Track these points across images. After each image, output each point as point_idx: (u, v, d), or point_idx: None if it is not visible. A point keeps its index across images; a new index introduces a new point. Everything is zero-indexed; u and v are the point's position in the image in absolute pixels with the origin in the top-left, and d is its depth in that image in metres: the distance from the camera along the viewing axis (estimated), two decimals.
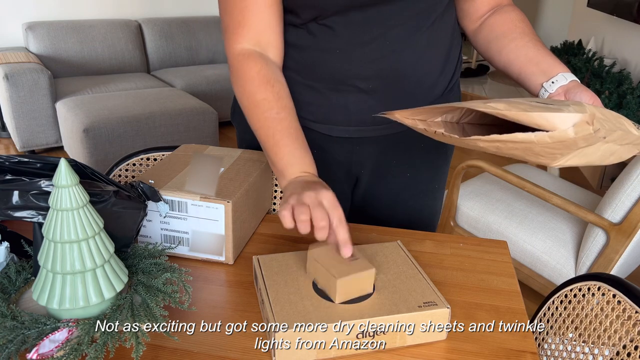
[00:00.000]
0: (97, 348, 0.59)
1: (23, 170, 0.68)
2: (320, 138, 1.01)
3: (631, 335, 0.71)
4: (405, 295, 0.69)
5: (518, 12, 0.96)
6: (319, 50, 0.92)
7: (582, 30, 4.31)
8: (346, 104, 0.95)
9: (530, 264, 1.92)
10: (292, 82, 0.95)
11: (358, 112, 0.96)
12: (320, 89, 0.95)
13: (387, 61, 0.91)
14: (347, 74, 0.92)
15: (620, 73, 3.02)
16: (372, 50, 0.90)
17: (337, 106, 0.96)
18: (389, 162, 1.05)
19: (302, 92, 0.97)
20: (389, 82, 0.93)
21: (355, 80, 0.93)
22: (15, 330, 0.60)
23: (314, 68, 0.94)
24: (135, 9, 4.11)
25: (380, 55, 0.90)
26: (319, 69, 0.93)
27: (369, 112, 0.96)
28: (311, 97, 0.97)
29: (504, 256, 0.89)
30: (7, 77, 3.05)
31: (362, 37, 0.89)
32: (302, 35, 0.92)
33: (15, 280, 0.70)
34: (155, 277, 0.70)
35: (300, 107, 0.96)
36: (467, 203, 2.09)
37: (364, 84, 0.93)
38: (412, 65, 0.92)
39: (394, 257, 0.78)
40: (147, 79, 3.73)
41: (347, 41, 0.90)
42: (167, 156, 0.96)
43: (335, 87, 0.94)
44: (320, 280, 0.70)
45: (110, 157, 2.93)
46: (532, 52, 0.89)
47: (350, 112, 0.96)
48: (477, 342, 0.69)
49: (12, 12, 3.66)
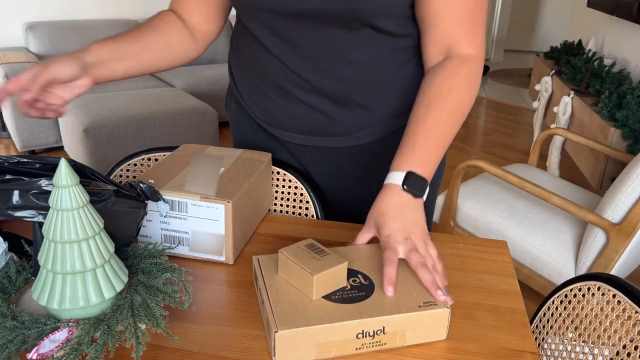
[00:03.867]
0: (97, 348, 0.59)
1: (22, 171, 0.68)
2: (270, 140, 1.06)
3: (631, 335, 0.71)
4: (405, 296, 0.69)
5: (455, 70, 0.83)
6: (268, 57, 0.94)
7: (582, 30, 4.31)
8: (295, 112, 0.98)
9: (530, 264, 1.92)
10: (246, 81, 1.02)
11: (305, 122, 0.98)
12: (270, 94, 0.99)
13: (325, 79, 0.92)
14: (290, 84, 0.95)
15: (620, 73, 3.02)
16: (310, 66, 0.91)
17: (286, 112, 0.99)
18: (349, 175, 1.04)
19: (254, 93, 1.02)
20: (330, 100, 0.94)
21: (298, 92, 0.95)
22: (16, 330, 0.60)
23: (263, 73, 0.97)
24: (135, 9, 4.11)
25: (317, 72, 0.91)
26: (267, 75, 0.96)
27: (317, 125, 0.98)
28: (262, 99, 1.01)
29: (504, 256, 0.89)
30: (7, 77, 3.05)
31: (301, 53, 0.90)
32: (251, 39, 0.95)
33: (15, 280, 0.70)
34: (155, 277, 0.70)
35: (255, 107, 1.04)
36: (467, 203, 2.09)
37: (305, 97, 0.95)
38: (350, 88, 0.92)
39: None
40: (147, 79, 3.73)
41: (289, 54, 0.91)
42: (167, 156, 0.96)
43: (283, 94, 0.97)
44: (294, 279, 0.70)
45: (110, 157, 2.93)
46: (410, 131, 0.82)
47: (297, 119, 0.99)
48: (477, 342, 0.69)
49: (12, 12, 3.67)
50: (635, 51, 3.31)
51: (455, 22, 0.83)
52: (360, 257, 0.77)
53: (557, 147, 2.93)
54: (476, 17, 0.84)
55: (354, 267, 0.74)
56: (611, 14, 3.36)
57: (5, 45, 3.70)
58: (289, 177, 1.08)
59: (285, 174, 1.08)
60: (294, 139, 1.02)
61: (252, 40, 0.95)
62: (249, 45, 0.97)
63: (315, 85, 0.93)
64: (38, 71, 0.79)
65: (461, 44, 0.84)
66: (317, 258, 0.70)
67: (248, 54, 0.99)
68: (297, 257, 0.70)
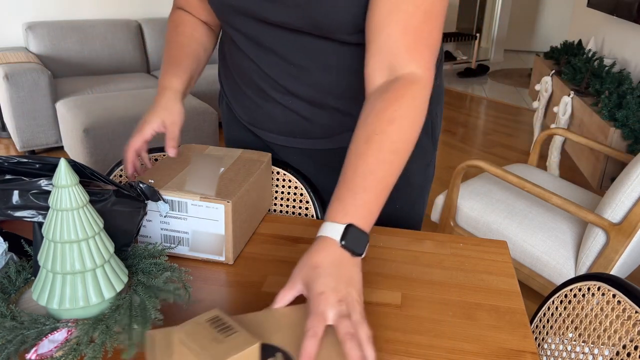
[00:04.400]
0: (95, 348, 0.59)
1: (22, 171, 0.68)
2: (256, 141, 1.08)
3: (631, 335, 0.71)
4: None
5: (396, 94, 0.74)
6: (246, 60, 0.97)
7: (582, 30, 4.31)
8: (274, 113, 0.99)
9: (530, 264, 1.92)
10: (231, 82, 1.06)
11: (285, 123, 1.00)
12: (251, 95, 1.01)
13: (299, 84, 0.93)
14: (267, 86, 0.96)
15: (620, 73, 3.02)
16: (284, 70, 0.93)
17: (266, 113, 1.01)
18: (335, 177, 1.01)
19: (238, 95, 1.05)
20: (306, 102, 0.95)
21: (275, 94, 0.96)
22: (15, 331, 0.60)
23: (243, 75, 1.00)
24: (135, 9, 4.11)
25: (291, 76, 0.92)
26: (246, 76, 0.99)
27: (296, 126, 0.99)
28: (245, 100, 1.03)
29: (504, 256, 0.89)
30: (7, 77, 3.05)
31: (274, 58, 0.92)
32: (231, 43, 0.98)
33: (15, 280, 0.70)
34: (155, 277, 0.70)
35: (239, 109, 1.06)
36: (467, 203, 2.09)
37: (283, 99, 0.96)
38: (325, 92, 0.93)
39: None
40: (147, 79, 3.73)
41: (263, 58, 0.93)
42: (167, 156, 0.96)
43: (262, 95, 0.99)
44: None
45: (110, 157, 2.93)
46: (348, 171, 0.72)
47: (277, 121, 1.00)
48: (477, 342, 0.69)
49: (12, 12, 3.66)
50: (635, 51, 3.31)
51: (397, 33, 0.75)
52: (282, 327, 0.62)
53: (557, 147, 2.93)
54: (422, 32, 0.76)
55: (273, 342, 0.59)
56: (611, 14, 3.36)
57: (5, 45, 3.70)
58: (289, 177, 1.08)
59: (285, 174, 1.08)
60: (276, 140, 1.04)
61: (232, 43, 0.98)
62: (229, 48, 1.00)
63: (289, 89, 0.94)
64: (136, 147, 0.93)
65: (403, 60, 0.75)
66: (220, 339, 0.54)
67: (230, 57, 1.02)
68: (194, 339, 0.54)
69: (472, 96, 5.13)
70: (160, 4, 4.19)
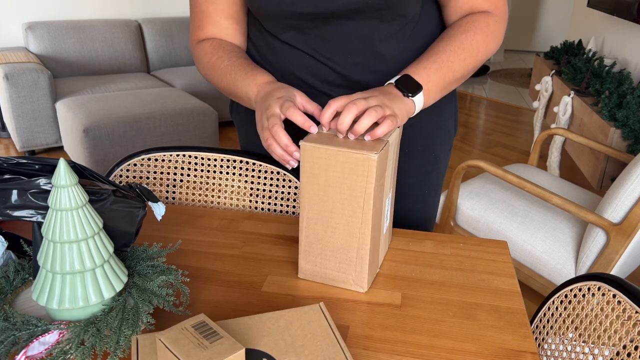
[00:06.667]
0: (84, 351, 0.58)
1: (22, 172, 0.68)
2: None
3: (631, 336, 0.70)
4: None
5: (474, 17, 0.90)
6: (298, 56, 0.94)
7: (582, 30, 4.31)
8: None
9: (530, 264, 1.91)
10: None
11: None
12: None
13: (352, 72, 0.92)
14: (317, 80, 0.94)
15: (620, 73, 3.02)
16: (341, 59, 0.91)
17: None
18: None
19: None
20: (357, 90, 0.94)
21: (325, 87, 0.95)
22: (7, 332, 0.59)
23: (293, 74, 0.96)
24: (135, 9, 4.11)
25: (344, 66, 0.92)
26: (295, 76, 0.96)
27: None
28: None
29: (504, 256, 0.89)
30: (7, 77, 3.05)
31: (330, 47, 0.91)
32: (273, 42, 0.95)
33: (13, 280, 0.70)
34: (151, 279, 0.70)
35: None
36: (467, 203, 2.09)
37: (334, 91, 0.95)
38: (381, 76, 0.92)
39: (312, 329, 0.63)
40: (147, 79, 3.73)
41: (314, 52, 0.92)
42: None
43: (311, 92, 0.96)
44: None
45: (110, 157, 2.93)
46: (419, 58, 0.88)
47: None
48: (477, 342, 0.68)
49: (12, 12, 3.66)
50: (635, 51, 3.31)
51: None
52: (269, 333, 0.62)
53: (557, 147, 2.93)
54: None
55: (260, 348, 0.60)
56: (611, 14, 3.36)
57: (5, 45, 3.70)
58: (289, 177, 1.08)
59: (285, 174, 1.08)
60: None
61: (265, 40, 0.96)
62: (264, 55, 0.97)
63: (349, 78, 0.93)
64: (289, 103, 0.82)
65: (481, 7, 0.91)
66: (205, 345, 0.54)
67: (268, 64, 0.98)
68: (179, 345, 0.54)
69: (473, 96, 5.13)
70: (160, 4, 4.19)
